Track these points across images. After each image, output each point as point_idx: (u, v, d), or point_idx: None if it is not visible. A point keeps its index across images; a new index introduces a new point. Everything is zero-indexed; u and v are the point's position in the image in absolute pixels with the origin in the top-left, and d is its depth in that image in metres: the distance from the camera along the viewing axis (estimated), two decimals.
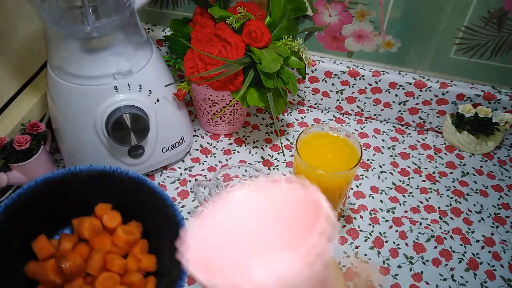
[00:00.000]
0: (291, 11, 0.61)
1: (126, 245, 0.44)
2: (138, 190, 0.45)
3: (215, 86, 0.57)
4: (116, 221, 0.45)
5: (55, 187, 0.43)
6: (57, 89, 0.53)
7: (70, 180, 0.44)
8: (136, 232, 0.46)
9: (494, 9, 0.57)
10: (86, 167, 0.44)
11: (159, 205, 0.44)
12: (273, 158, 0.67)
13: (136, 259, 0.44)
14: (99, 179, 0.45)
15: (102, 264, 0.42)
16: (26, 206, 0.41)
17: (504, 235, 0.58)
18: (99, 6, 0.50)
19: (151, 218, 0.46)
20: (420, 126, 0.72)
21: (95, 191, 0.46)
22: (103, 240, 0.44)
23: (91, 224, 0.45)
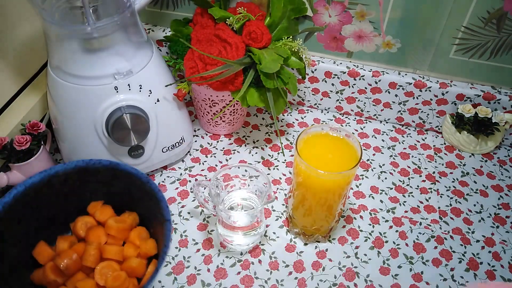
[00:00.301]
0: (291, 11, 0.61)
1: (119, 234, 0.45)
2: (116, 177, 0.45)
3: (215, 86, 0.57)
4: (108, 214, 0.46)
5: (38, 191, 0.43)
6: (58, 89, 0.53)
7: (49, 182, 0.44)
8: (128, 220, 0.46)
9: (493, 9, 0.57)
10: (61, 166, 0.44)
11: (139, 185, 0.44)
12: (273, 158, 0.67)
13: (134, 246, 0.45)
14: (77, 175, 0.45)
15: (98, 255, 0.43)
16: (13, 214, 0.41)
17: (504, 235, 0.58)
18: (100, 6, 0.50)
19: (140, 203, 0.46)
20: (420, 126, 0.72)
21: (79, 188, 0.46)
22: (97, 233, 0.45)
23: (84, 222, 0.46)
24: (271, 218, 0.58)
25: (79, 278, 0.42)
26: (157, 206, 0.42)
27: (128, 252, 0.44)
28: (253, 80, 0.57)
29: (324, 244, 0.56)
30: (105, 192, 0.47)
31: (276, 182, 0.63)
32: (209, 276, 0.52)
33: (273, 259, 0.54)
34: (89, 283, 0.41)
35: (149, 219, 0.47)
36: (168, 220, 0.40)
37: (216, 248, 0.54)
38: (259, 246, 0.55)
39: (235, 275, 0.52)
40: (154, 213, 0.44)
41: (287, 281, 0.52)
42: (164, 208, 0.41)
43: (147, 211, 0.46)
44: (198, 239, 0.55)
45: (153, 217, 0.45)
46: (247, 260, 0.54)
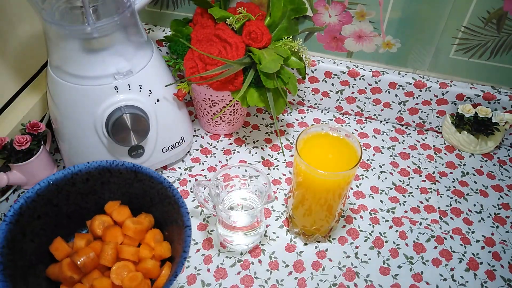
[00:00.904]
0: (291, 11, 0.61)
1: (136, 235, 0.45)
2: (137, 180, 0.45)
3: (215, 86, 0.57)
4: (125, 215, 0.47)
5: (60, 188, 0.44)
6: (58, 89, 0.53)
7: (72, 180, 0.44)
8: (145, 222, 0.46)
9: (493, 9, 0.57)
10: (84, 165, 0.44)
11: (159, 189, 0.44)
12: (273, 158, 0.67)
13: (149, 247, 0.45)
14: (99, 175, 0.45)
15: (115, 255, 0.43)
16: (34, 209, 0.42)
17: (504, 235, 0.58)
18: (100, 6, 0.50)
19: (158, 206, 0.46)
20: (420, 126, 0.72)
21: (100, 188, 0.47)
22: (114, 233, 0.45)
23: (101, 221, 0.46)
24: (271, 218, 0.58)
25: (95, 276, 0.42)
26: (177, 212, 0.42)
27: (143, 253, 0.45)
28: (253, 80, 0.57)
29: (324, 244, 0.56)
30: (124, 192, 0.47)
31: (276, 182, 0.63)
32: (209, 276, 0.52)
33: (273, 259, 0.54)
34: (105, 282, 0.42)
35: (164, 222, 0.47)
36: (188, 226, 0.40)
37: (216, 248, 0.54)
38: (259, 246, 0.55)
39: (235, 275, 0.52)
40: (172, 217, 0.44)
41: (287, 281, 0.52)
42: (184, 214, 0.41)
43: (164, 214, 0.46)
44: (198, 239, 0.55)
45: (170, 221, 0.45)
46: (247, 260, 0.54)
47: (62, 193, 0.44)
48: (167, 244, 0.46)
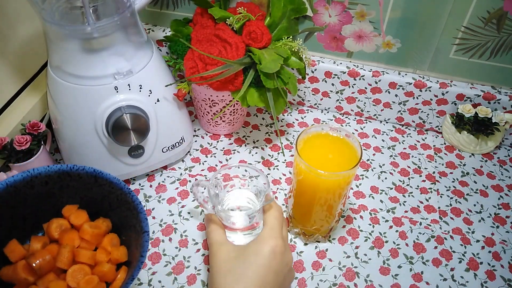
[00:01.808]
0: (291, 11, 0.61)
1: (93, 239, 0.45)
2: (98, 185, 0.45)
3: (215, 86, 0.57)
4: (83, 219, 0.47)
5: (18, 191, 0.44)
6: (58, 89, 0.53)
7: (31, 183, 0.44)
8: (102, 226, 0.47)
9: (493, 9, 0.57)
10: (44, 168, 0.44)
11: (118, 194, 0.45)
12: (273, 158, 0.67)
13: (106, 252, 0.45)
14: (58, 179, 0.45)
15: (71, 258, 0.43)
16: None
17: (504, 235, 0.58)
18: (100, 6, 0.50)
19: (116, 211, 0.47)
20: (420, 126, 0.72)
21: (58, 191, 0.47)
22: (71, 236, 0.45)
23: (59, 224, 0.46)
24: None
25: (51, 278, 0.42)
26: (136, 217, 0.43)
27: (100, 257, 0.45)
28: (253, 80, 0.57)
29: (324, 244, 0.56)
30: (82, 197, 0.47)
31: (276, 182, 0.63)
32: None
33: None
34: (61, 284, 0.42)
35: (122, 227, 0.47)
36: (146, 232, 0.41)
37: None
38: None
39: None
40: (130, 222, 0.44)
41: None
42: (143, 220, 0.42)
43: (122, 219, 0.47)
44: (198, 239, 0.55)
45: (128, 226, 0.45)
46: None
47: (20, 195, 0.44)
48: (123, 248, 0.46)
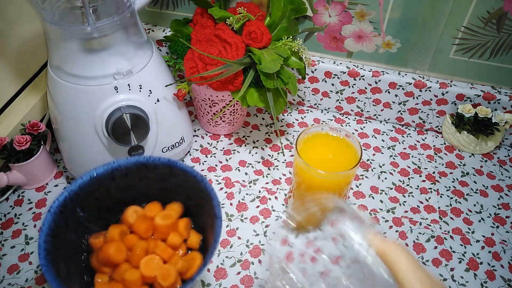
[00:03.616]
0: (291, 11, 0.61)
1: (166, 229, 0.46)
2: (173, 175, 0.47)
3: (215, 86, 0.57)
4: (155, 210, 0.47)
5: (101, 183, 0.45)
6: (57, 89, 0.53)
7: (112, 175, 0.46)
8: (174, 214, 0.47)
9: (493, 9, 0.57)
10: (123, 160, 0.46)
11: (193, 183, 0.45)
12: (273, 158, 0.67)
13: (180, 235, 0.46)
14: (137, 170, 0.47)
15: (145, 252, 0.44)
16: (77, 202, 0.44)
17: (504, 235, 0.58)
18: (100, 6, 0.50)
19: (192, 200, 0.47)
20: (420, 126, 0.72)
21: (139, 183, 0.48)
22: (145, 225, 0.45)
23: (134, 210, 0.47)
24: (271, 218, 0.58)
25: (125, 268, 0.43)
26: (209, 204, 0.43)
27: (174, 240, 0.45)
28: (253, 80, 0.57)
29: None
30: (160, 187, 0.48)
31: (276, 182, 0.63)
32: (209, 276, 0.52)
33: None
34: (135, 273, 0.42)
35: (197, 215, 0.48)
36: (219, 218, 0.42)
37: (216, 248, 0.54)
38: (259, 246, 0.55)
39: (235, 275, 0.52)
40: (204, 209, 0.45)
41: None
42: (216, 206, 0.42)
43: (197, 207, 0.47)
44: None
45: (202, 213, 0.46)
46: (247, 260, 0.54)
47: (103, 187, 0.46)
48: (198, 235, 0.47)
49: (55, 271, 0.38)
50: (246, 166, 0.65)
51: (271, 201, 0.60)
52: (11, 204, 0.59)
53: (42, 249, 0.38)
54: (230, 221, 0.58)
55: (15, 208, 0.58)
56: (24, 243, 0.54)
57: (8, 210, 0.58)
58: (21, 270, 0.52)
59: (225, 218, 0.58)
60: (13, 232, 0.56)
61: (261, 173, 0.64)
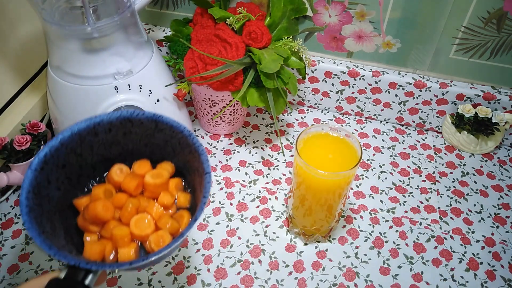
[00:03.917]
0: (291, 11, 0.61)
1: (157, 189, 0.45)
2: (159, 129, 0.45)
3: (215, 86, 0.57)
4: (145, 168, 0.46)
5: (82, 138, 0.44)
6: (58, 89, 0.53)
7: (94, 130, 0.44)
8: (165, 173, 0.46)
9: (493, 9, 0.57)
10: (105, 115, 0.44)
11: (179, 138, 0.44)
12: (273, 158, 0.67)
13: (171, 195, 0.45)
14: (121, 125, 0.45)
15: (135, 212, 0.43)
16: (58, 158, 0.42)
17: (504, 235, 0.58)
18: (100, 6, 0.50)
19: (180, 156, 0.46)
20: (420, 126, 0.72)
21: (123, 139, 0.46)
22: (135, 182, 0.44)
23: (119, 168, 0.46)
24: (271, 218, 0.58)
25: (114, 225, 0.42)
26: (197, 160, 0.42)
27: (165, 199, 0.44)
28: (253, 80, 0.57)
29: (324, 244, 0.56)
30: (146, 143, 0.47)
31: (276, 182, 0.63)
32: (209, 276, 0.52)
33: (273, 259, 0.54)
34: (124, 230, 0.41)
35: (186, 171, 0.47)
36: (208, 173, 0.40)
37: (216, 248, 0.54)
38: (259, 246, 0.55)
39: (235, 275, 0.52)
40: (193, 166, 0.44)
41: (287, 281, 0.52)
42: (204, 161, 0.41)
43: (185, 164, 0.46)
44: (198, 239, 0.55)
45: (191, 170, 0.45)
46: (247, 260, 0.54)
47: (85, 143, 0.44)
48: (188, 194, 0.46)
49: (39, 227, 0.37)
50: (246, 166, 0.65)
51: (271, 201, 0.60)
52: (11, 204, 0.59)
53: (23, 206, 0.37)
54: (230, 221, 0.58)
55: (15, 208, 0.58)
56: (24, 243, 0.54)
57: (8, 210, 0.58)
58: (21, 270, 0.52)
59: (225, 218, 0.58)
60: (13, 232, 0.56)
61: (261, 173, 0.64)
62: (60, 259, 0.34)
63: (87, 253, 0.40)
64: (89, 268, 0.34)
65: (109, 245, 0.41)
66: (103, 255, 0.41)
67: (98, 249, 0.40)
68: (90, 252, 0.40)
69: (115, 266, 0.35)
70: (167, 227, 0.42)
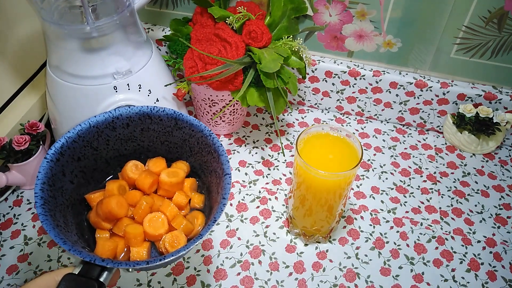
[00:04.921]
0: (291, 10, 0.60)
1: (172, 188, 0.44)
2: (178, 127, 0.44)
3: (215, 86, 0.57)
4: (161, 166, 0.45)
5: (100, 131, 0.43)
6: (57, 89, 0.53)
7: (112, 124, 0.43)
8: (180, 173, 0.45)
9: (494, 9, 0.57)
10: (125, 109, 0.43)
11: (199, 138, 0.43)
12: (273, 158, 0.66)
13: (185, 196, 0.44)
14: (139, 121, 0.44)
15: (149, 210, 0.42)
16: (74, 150, 0.41)
17: (505, 235, 0.57)
18: (99, 5, 0.50)
19: (197, 156, 0.45)
20: (421, 126, 0.72)
21: (140, 135, 0.46)
22: (150, 179, 0.43)
23: (134, 164, 0.45)
24: (271, 219, 0.58)
25: (126, 222, 0.41)
26: (217, 160, 0.41)
27: (180, 200, 0.43)
28: (253, 80, 0.57)
29: (324, 244, 0.55)
30: (163, 141, 0.46)
31: (276, 183, 0.63)
32: (209, 277, 0.52)
33: (273, 260, 0.54)
34: (138, 228, 0.40)
35: (202, 172, 0.46)
36: (228, 174, 0.40)
37: (216, 249, 0.54)
38: (259, 247, 0.55)
39: (235, 276, 0.52)
40: (211, 166, 0.43)
41: (287, 281, 0.51)
42: (224, 162, 0.40)
43: (202, 164, 0.45)
44: None
45: (208, 171, 0.44)
46: (247, 261, 0.53)
47: (102, 137, 0.44)
48: (202, 196, 0.45)
49: (53, 221, 0.36)
50: (246, 166, 0.65)
51: (271, 201, 0.60)
52: (10, 205, 0.58)
53: (38, 198, 0.36)
54: (230, 221, 0.57)
55: (14, 208, 0.58)
56: (23, 243, 0.54)
57: (7, 210, 0.58)
58: (20, 271, 0.51)
59: (225, 219, 0.58)
60: (12, 232, 0.55)
61: (261, 173, 0.64)
62: (75, 254, 0.33)
63: (99, 250, 0.39)
64: (104, 265, 0.34)
65: (121, 243, 0.40)
66: (114, 253, 0.39)
67: (110, 246, 0.39)
68: (102, 249, 0.39)
69: (131, 264, 0.34)
70: (181, 227, 0.41)
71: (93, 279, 0.33)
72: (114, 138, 0.45)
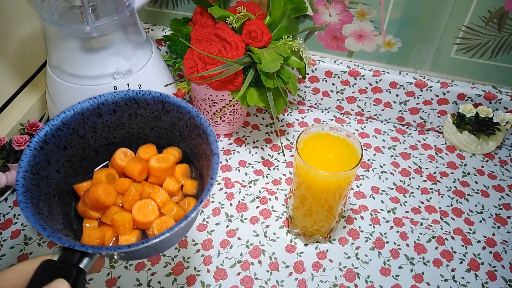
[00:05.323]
0: (291, 10, 0.60)
1: (162, 173, 0.43)
2: (165, 111, 0.43)
3: (215, 86, 0.57)
4: (151, 152, 0.44)
5: (85, 118, 0.42)
6: (57, 88, 0.53)
7: (98, 110, 0.42)
8: (171, 158, 0.44)
9: (494, 8, 0.57)
10: (110, 93, 0.42)
11: (187, 119, 0.42)
12: (273, 158, 0.66)
13: (177, 182, 0.43)
14: (126, 106, 0.43)
15: (141, 192, 0.41)
16: (59, 138, 0.40)
17: (505, 235, 0.57)
18: (99, 5, 0.50)
19: (187, 140, 0.44)
20: (421, 126, 0.72)
21: (128, 121, 0.45)
22: (139, 166, 0.42)
23: (123, 152, 0.44)
24: (271, 219, 0.58)
25: (115, 210, 0.40)
26: (205, 141, 0.40)
27: (171, 186, 0.42)
28: (253, 80, 0.57)
29: (324, 244, 0.55)
30: (152, 127, 0.45)
31: (276, 183, 0.63)
32: (209, 277, 0.52)
33: (273, 260, 0.54)
34: (126, 216, 0.39)
35: (194, 157, 0.45)
36: (216, 154, 0.38)
37: (216, 249, 0.54)
38: (259, 247, 0.55)
39: (235, 276, 0.52)
40: (201, 149, 0.42)
41: (287, 282, 0.51)
42: (213, 142, 0.39)
43: (193, 148, 0.44)
44: (198, 240, 0.55)
45: (199, 154, 0.43)
46: (247, 261, 0.53)
47: (89, 124, 0.42)
48: (195, 181, 0.44)
49: (34, 208, 0.35)
50: (246, 166, 0.65)
51: (271, 201, 0.60)
52: (10, 205, 0.58)
53: (19, 186, 0.35)
54: (230, 221, 0.57)
55: (14, 208, 0.58)
56: (23, 243, 0.54)
57: (7, 210, 0.58)
58: None
59: (225, 219, 0.58)
60: (12, 232, 0.55)
61: (261, 173, 0.64)
62: (54, 241, 0.32)
63: (86, 239, 0.38)
64: (84, 251, 0.33)
65: (109, 232, 0.39)
66: (102, 242, 0.38)
67: (97, 235, 0.38)
68: (88, 238, 0.38)
69: (112, 249, 0.33)
70: (172, 213, 0.40)
71: (72, 264, 0.32)
72: (102, 125, 0.43)
